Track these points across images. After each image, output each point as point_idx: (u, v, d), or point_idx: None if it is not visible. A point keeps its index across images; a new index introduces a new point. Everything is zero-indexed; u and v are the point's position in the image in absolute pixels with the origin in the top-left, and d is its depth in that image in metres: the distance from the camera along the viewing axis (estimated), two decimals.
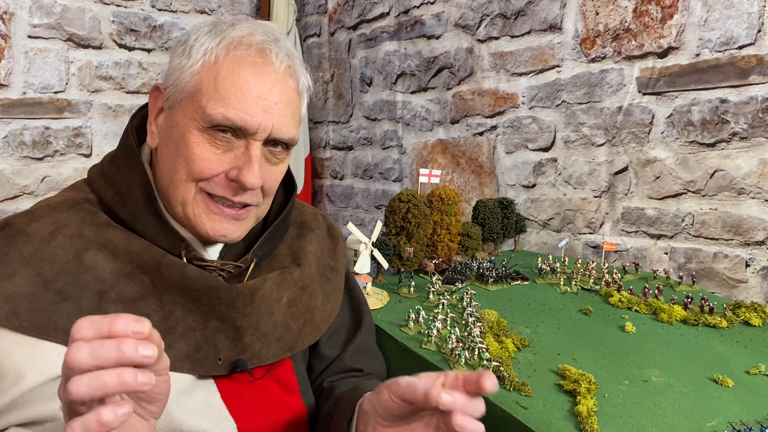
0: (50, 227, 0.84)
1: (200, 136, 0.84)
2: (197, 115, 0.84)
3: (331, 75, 3.37)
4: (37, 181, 2.74)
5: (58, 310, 0.79)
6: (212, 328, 0.88)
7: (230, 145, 0.85)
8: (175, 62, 0.87)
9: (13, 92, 2.63)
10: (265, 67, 0.85)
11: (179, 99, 0.86)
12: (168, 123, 0.88)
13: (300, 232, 1.09)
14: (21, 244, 0.81)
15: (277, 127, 0.86)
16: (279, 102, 0.86)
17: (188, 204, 0.87)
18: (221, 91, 0.83)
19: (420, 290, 1.53)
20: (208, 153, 0.84)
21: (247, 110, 0.83)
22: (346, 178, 3.39)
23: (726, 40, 1.77)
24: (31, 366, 0.76)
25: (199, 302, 0.87)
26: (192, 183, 0.86)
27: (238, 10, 3.35)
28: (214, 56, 0.84)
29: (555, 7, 2.21)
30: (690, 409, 0.99)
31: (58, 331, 0.78)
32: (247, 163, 0.85)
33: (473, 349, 1.12)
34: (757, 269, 1.77)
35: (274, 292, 0.95)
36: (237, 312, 0.89)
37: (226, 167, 0.85)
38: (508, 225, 2.02)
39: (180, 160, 0.85)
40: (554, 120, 2.25)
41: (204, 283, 0.86)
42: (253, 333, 0.91)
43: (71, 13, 2.76)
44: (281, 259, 1.02)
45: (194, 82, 0.84)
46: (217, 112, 0.82)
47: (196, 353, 0.86)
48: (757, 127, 1.72)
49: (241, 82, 0.83)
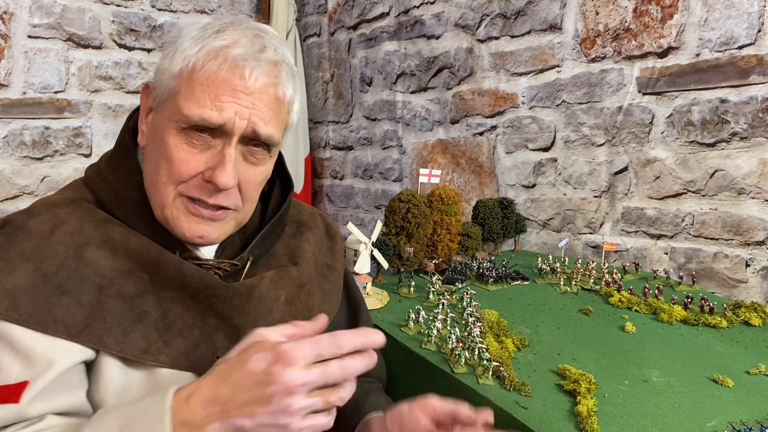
0: (50, 223, 0.84)
1: (178, 137, 0.84)
2: (176, 116, 0.84)
3: (331, 75, 3.37)
4: (37, 181, 2.74)
5: (58, 304, 0.79)
6: (210, 325, 0.88)
7: (207, 144, 0.85)
8: (162, 63, 0.87)
9: (13, 92, 2.62)
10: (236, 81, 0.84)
11: (162, 100, 0.86)
12: (153, 123, 0.89)
13: (297, 230, 1.09)
14: (21, 240, 0.82)
15: (255, 120, 0.85)
16: (256, 102, 0.85)
17: (167, 206, 0.86)
18: (196, 91, 0.83)
19: (420, 290, 1.53)
20: (185, 153, 0.84)
21: (221, 107, 0.82)
22: (346, 178, 3.39)
23: (726, 40, 1.77)
24: (58, 351, 0.77)
25: (197, 300, 0.87)
26: (172, 186, 0.85)
27: (238, 10, 3.35)
28: (191, 64, 0.83)
29: (555, 7, 2.21)
30: (690, 409, 0.99)
31: (58, 324, 0.78)
32: (220, 162, 0.84)
33: (473, 349, 1.12)
34: (757, 269, 1.77)
35: (272, 290, 0.95)
36: (235, 310, 0.89)
37: (203, 167, 0.85)
38: (508, 225, 2.02)
39: (161, 162, 0.85)
40: (554, 120, 2.25)
41: (201, 280, 0.86)
42: (252, 331, 0.91)
43: (71, 13, 2.76)
44: (278, 258, 1.02)
45: (173, 84, 0.84)
46: (192, 112, 0.82)
47: (194, 351, 0.86)
48: (757, 127, 1.72)
49: (217, 85, 0.83)
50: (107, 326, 0.80)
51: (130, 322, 0.82)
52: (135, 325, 0.82)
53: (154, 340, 0.83)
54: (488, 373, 1.06)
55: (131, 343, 0.81)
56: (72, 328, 0.79)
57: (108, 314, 0.81)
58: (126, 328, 0.82)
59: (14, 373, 0.75)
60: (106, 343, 0.80)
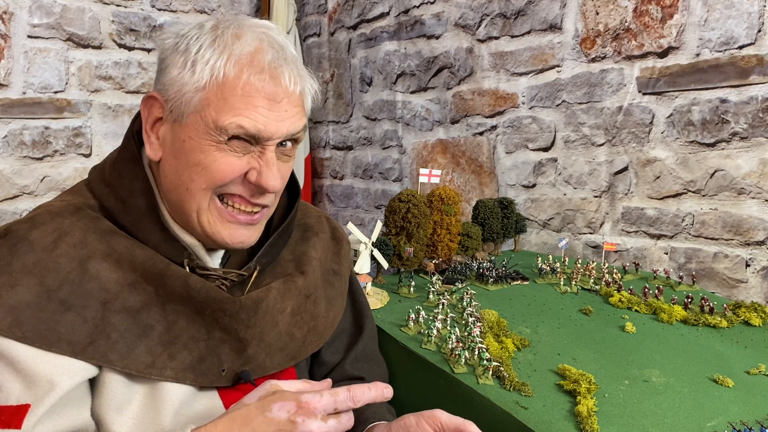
0: (53, 235, 0.82)
1: (216, 147, 0.83)
2: (208, 129, 0.82)
3: (331, 75, 3.37)
4: (37, 181, 2.74)
5: (62, 320, 0.78)
6: (216, 339, 0.87)
7: (247, 149, 0.84)
8: (174, 73, 0.83)
9: (12, 92, 2.63)
10: (278, 89, 0.83)
11: (186, 113, 0.83)
12: (177, 136, 0.85)
13: (303, 236, 1.07)
14: (24, 253, 0.80)
15: (290, 127, 0.86)
16: (289, 107, 0.85)
17: (203, 212, 0.86)
18: (231, 102, 0.81)
19: (420, 290, 1.53)
20: (227, 157, 0.84)
21: (258, 119, 0.82)
22: (346, 178, 3.39)
23: (726, 40, 1.77)
24: (60, 371, 0.76)
25: (202, 313, 0.86)
26: (209, 191, 0.85)
27: (238, 9, 3.35)
28: (222, 75, 0.81)
29: (555, 7, 2.21)
30: (690, 409, 0.99)
31: (62, 342, 0.77)
32: (265, 166, 0.84)
33: (473, 349, 1.12)
34: (757, 269, 1.77)
35: (279, 302, 0.94)
36: (241, 324, 0.88)
37: (246, 168, 0.85)
38: (508, 225, 2.02)
39: (197, 169, 0.84)
40: (554, 120, 2.25)
41: (207, 294, 0.85)
42: (257, 344, 0.91)
43: (71, 13, 2.76)
44: (285, 265, 1.01)
45: (199, 97, 0.82)
46: (230, 122, 0.81)
47: (200, 364, 0.85)
48: (757, 127, 1.72)
49: (252, 95, 0.82)
50: (111, 342, 0.79)
51: (135, 336, 0.81)
52: (140, 339, 0.81)
53: (159, 354, 0.82)
54: (488, 373, 1.06)
55: (136, 359, 0.81)
56: (76, 346, 0.78)
57: (112, 330, 0.80)
58: (131, 343, 0.81)
59: (15, 394, 0.74)
60: (111, 360, 0.79)
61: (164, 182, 0.89)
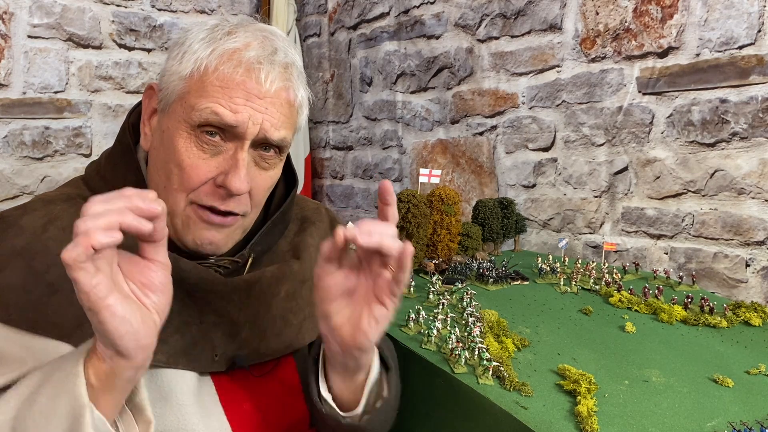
0: (42, 219, 0.82)
1: (189, 140, 0.83)
2: (185, 115, 0.82)
3: (331, 75, 3.37)
4: (37, 181, 2.74)
5: (50, 303, 0.77)
6: (208, 323, 0.86)
7: (218, 149, 0.84)
8: (169, 64, 0.86)
9: (12, 92, 2.62)
10: (253, 84, 0.83)
11: (170, 102, 0.85)
12: (159, 126, 0.87)
13: (301, 227, 1.07)
14: (12, 236, 0.80)
15: (267, 126, 0.84)
16: (269, 107, 0.84)
17: (176, 215, 0.85)
18: (209, 90, 0.82)
19: (420, 290, 1.53)
20: (196, 159, 0.83)
21: (235, 108, 0.82)
22: (346, 178, 3.39)
23: (726, 40, 1.77)
24: (49, 354, 0.75)
25: (194, 296, 0.85)
26: (183, 194, 0.84)
27: (238, 10, 3.35)
28: (204, 66, 0.82)
29: (555, 7, 2.21)
30: (690, 409, 0.99)
31: (49, 325, 0.77)
32: (233, 167, 0.83)
33: (473, 349, 1.12)
34: (757, 269, 1.77)
35: (272, 285, 0.93)
36: (233, 306, 0.88)
37: (214, 172, 0.84)
38: (508, 225, 2.02)
39: (171, 167, 0.84)
40: (554, 120, 2.25)
41: (198, 276, 0.85)
42: (251, 328, 0.90)
43: (71, 13, 2.76)
44: (281, 255, 1.00)
45: (182, 85, 0.84)
46: (205, 106, 0.81)
47: (192, 348, 0.85)
48: (757, 127, 1.72)
49: (231, 87, 0.82)
50: None
51: None
52: None
53: None
54: (488, 373, 1.06)
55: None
56: (63, 329, 0.77)
57: None
58: None
59: None
60: None
61: (151, 176, 0.89)
